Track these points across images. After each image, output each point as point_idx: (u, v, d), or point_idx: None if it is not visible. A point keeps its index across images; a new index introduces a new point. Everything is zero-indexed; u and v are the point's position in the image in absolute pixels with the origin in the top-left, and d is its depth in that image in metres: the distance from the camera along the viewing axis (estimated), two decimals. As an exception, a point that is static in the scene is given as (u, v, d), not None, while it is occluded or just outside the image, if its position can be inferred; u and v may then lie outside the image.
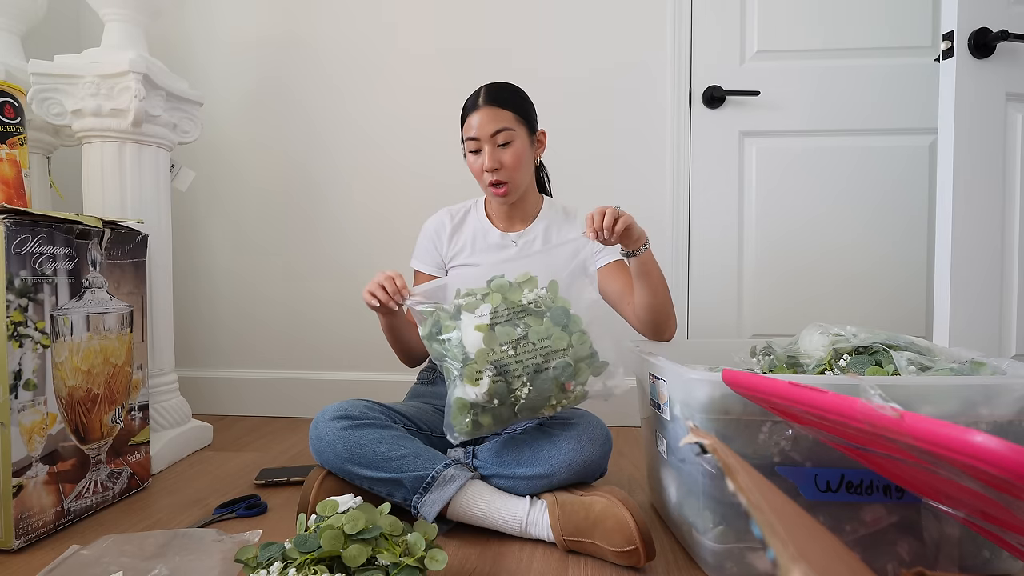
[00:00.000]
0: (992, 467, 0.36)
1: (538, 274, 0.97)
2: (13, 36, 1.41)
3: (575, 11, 1.66)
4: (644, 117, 1.65)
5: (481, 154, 1.10)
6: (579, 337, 0.92)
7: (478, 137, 1.10)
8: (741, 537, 0.78)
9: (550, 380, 0.91)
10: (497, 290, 0.93)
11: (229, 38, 1.77)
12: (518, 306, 0.92)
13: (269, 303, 1.80)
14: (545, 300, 0.93)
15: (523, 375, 0.89)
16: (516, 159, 1.10)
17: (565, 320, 0.92)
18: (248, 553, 0.70)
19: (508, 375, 0.89)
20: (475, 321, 0.90)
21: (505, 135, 1.09)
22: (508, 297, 0.93)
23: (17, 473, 0.91)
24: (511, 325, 0.91)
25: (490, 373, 0.89)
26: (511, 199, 1.14)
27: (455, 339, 0.91)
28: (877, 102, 1.60)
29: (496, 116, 1.09)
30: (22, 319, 0.92)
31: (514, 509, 0.93)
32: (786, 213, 1.64)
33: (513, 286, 0.94)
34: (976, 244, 1.22)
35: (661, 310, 1.07)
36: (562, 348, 0.91)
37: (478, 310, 0.92)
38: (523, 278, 0.95)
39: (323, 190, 1.77)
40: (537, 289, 0.94)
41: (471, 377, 0.89)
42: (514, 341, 0.90)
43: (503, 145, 1.09)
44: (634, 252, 1.00)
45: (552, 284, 0.95)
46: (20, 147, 1.17)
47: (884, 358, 0.83)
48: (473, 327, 0.90)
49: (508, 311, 0.92)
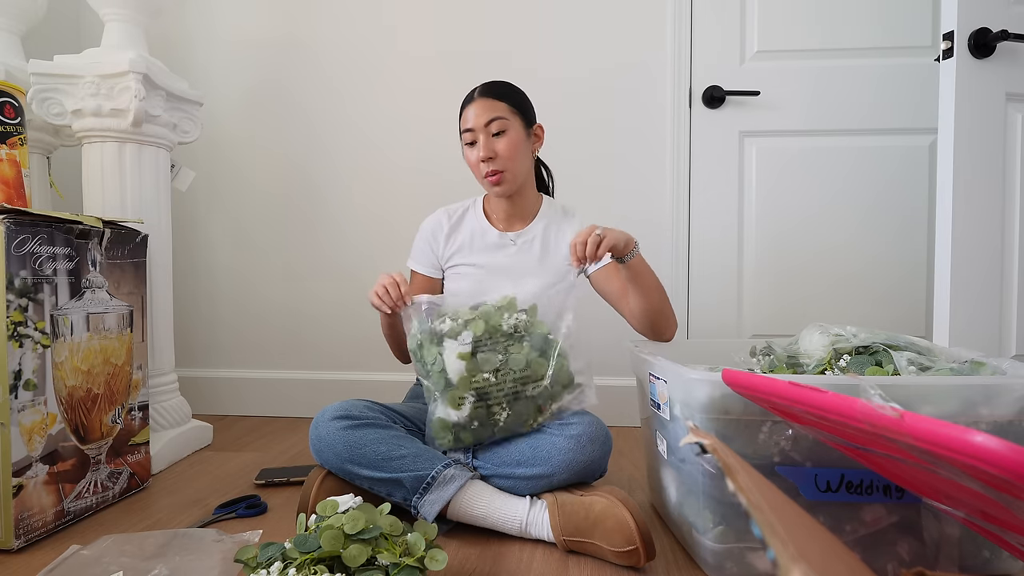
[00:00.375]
0: (992, 467, 0.36)
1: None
2: (13, 36, 1.41)
3: (575, 11, 1.66)
4: (644, 117, 1.65)
5: (476, 145, 1.11)
6: (558, 363, 0.94)
7: (473, 128, 1.11)
8: (741, 537, 0.78)
9: (529, 404, 0.95)
10: (482, 317, 0.95)
11: (229, 38, 1.77)
12: (499, 332, 0.94)
13: (269, 303, 1.80)
14: (525, 325, 0.95)
15: (503, 400, 0.93)
16: (510, 148, 1.10)
17: (544, 346, 0.94)
18: (248, 553, 0.70)
19: (489, 399, 0.93)
20: (458, 349, 0.92)
21: (499, 124, 1.09)
22: (490, 323, 0.94)
23: (17, 473, 0.91)
24: (492, 352, 0.93)
25: (472, 398, 0.92)
26: (507, 190, 1.13)
27: (437, 365, 0.94)
28: (877, 102, 1.60)
29: (490, 106, 1.10)
30: (22, 319, 0.92)
31: (514, 509, 0.93)
32: (786, 213, 1.64)
33: (494, 311, 0.95)
34: (976, 244, 1.22)
35: (657, 313, 1.07)
36: (542, 375, 0.93)
37: (460, 336, 0.93)
38: (503, 302, 0.96)
39: (323, 190, 1.77)
40: (517, 313, 0.96)
41: (453, 403, 0.93)
42: (495, 369, 0.92)
43: (497, 135, 1.10)
44: (623, 259, 1.01)
45: (532, 308, 0.97)
46: (20, 147, 1.17)
47: (884, 358, 0.83)
48: (456, 355, 0.92)
49: (490, 338, 0.93)
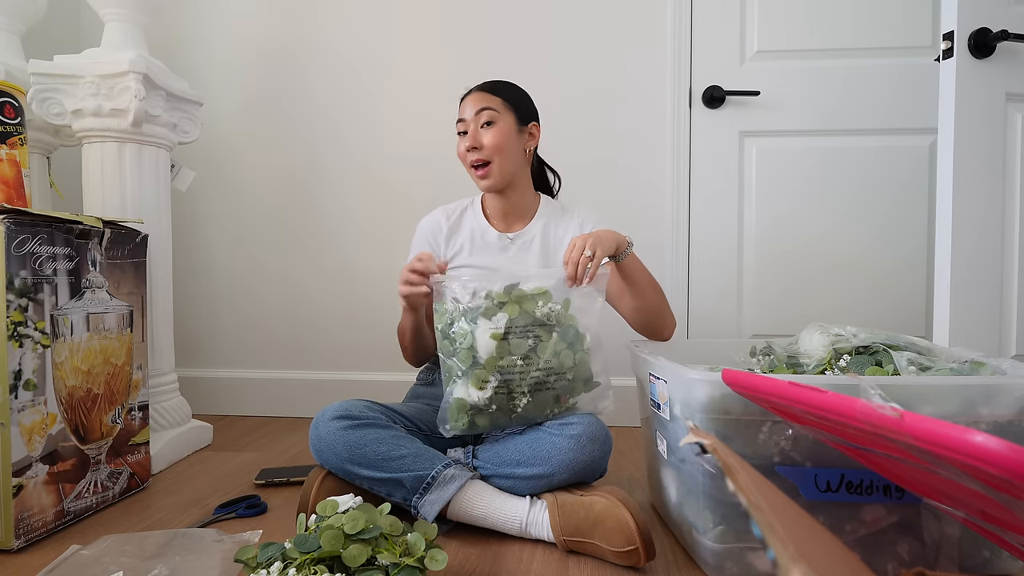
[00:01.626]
0: (992, 467, 0.36)
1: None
2: (13, 36, 1.41)
3: (575, 11, 1.66)
4: (644, 117, 1.65)
5: (465, 136, 1.12)
6: (582, 357, 0.94)
7: (464, 118, 1.12)
8: (741, 537, 0.78)
9: (549, 395, 0.94)
10: (516, 300, 0.94)
11: (229, 38, 1.77)
12: (533, 319, 0.93)
13: (269, 302, 1.80)
14: (557, 315, 0.94)
15: (525, 388, 0.92)
16: (497, 139, 1.10)
17: (573, 339, 0.94)
18: (248, 553, 0.70)
19: (512, 385, 0.92)
20: (491, 329, 0.91)
21: (488, 114, 1.10)
22: (524, 308, 0.93)
23: (17, 473, 0.91)
24: (524, 337, 0.92)
25: (496, 380, 0.91)
26: (494, 184, 1.13)
27: (467, 343, 0.92)
28: (877, 102, 1.60)
29: (482, 98, 1.11)
30: (22, 319, 0.92)
31: (514, 509, 0.93)
32: (786, 213, 1.64)
33: (529, 297, 0.95)
34: (976, 244, 1.22)
35: (653, 311, 1.07)
36: (568, 367, 0.93)
37: (495, 317, 0.92)
38: (539, 291, 0.95)
39: (323, 189, 1.77)
40: (552, 303, 0.95)
41: (477, 382, 0.92)
42: (524, 355, 0.91)
43: (485, 125, 1.10)
44: (616, 259, 1.01)
45: (566, 302, 0.96)
46: (20, 147, 1.17)
47: (884, 358, 0.83)
48: (489, 334, 0.91)
49: (523, 323, 0.93)
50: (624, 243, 1.00)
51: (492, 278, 0.96)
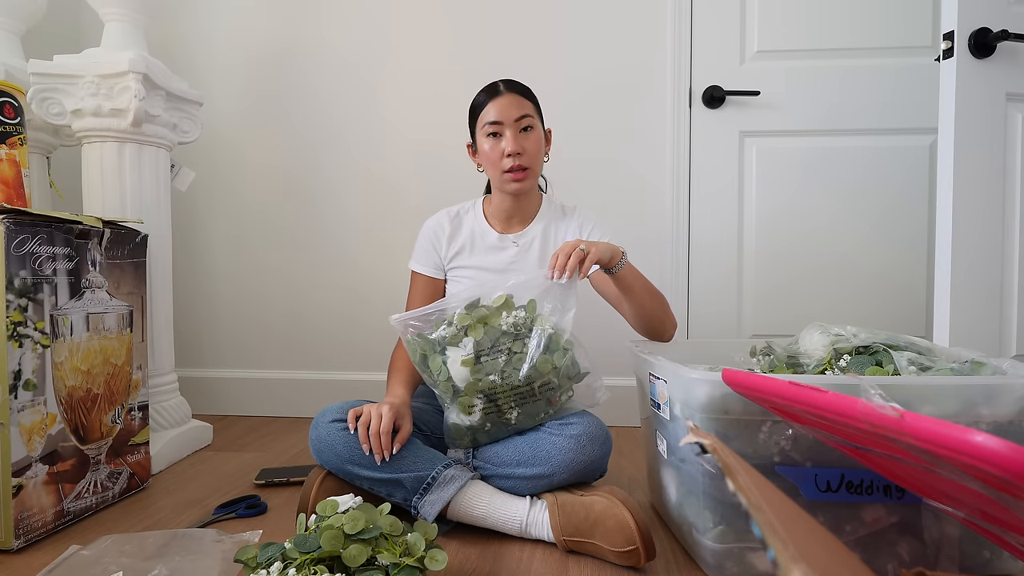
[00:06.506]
0: (992, 467, 0.36)
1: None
2: (13, 36, 1.41)
3: (576, 11, 1.66)
4: (644, 117, 1.65)
5: (501, 139, 1.10)
6: (560, 355, 0.93)
7: (501, 121, 1.09)
8: (741, 537, 0.78)
9: (539, 402, 0.95)
10: (480, 320, 0.94)
11: (229, 38, 1.77)
12: (500, 333, 0.93)
13: (269, 303, 1.80)
14: (525, 322, 0.94)
15: (511, 401, 0.94)
16: (537, 146, 1.11)
17: (548, 342, 0.93)
18: (248, 553, 0.70)
19: (498, 401, 0.93)
20: (460, 355, 0.92)
21: (528, 121, 1.10)
22: (489, 325, 0.93)
23: (17, 473, 0.91)
24: (496, 354, 0.92)
25: (481, 402, 0.93)
26: (525, 187, 1.13)
27: (443, 375, 0.94)
28: (877, 102, 1.60)
29: (520, 103, 1.10)
30: (22, 319, 0.92)
31: (514, 509, 0.93)
32: (786, 212, 1.64)
33: (492, 312, 0.94)
34: (976, 244, 1.21)
35: (653, 317, 1.07)
36: (548, 371, 0.93)
37: (462, 343, 0.93)
38: (499, 302, 0.95)
39: (323, 189, 1.76)
40: (515, 311, 0.95)
41: (464, 409, 0.94)
42: (501, 371, 0.92)
43: (525, 131, 1.10)
44: (610, 270, 1.00)
45: (530, 304, 0.96)
46: (20, 147, 1.16)
47: (884, 358, 0.83)
48: (459, 362, 0.92)
49: (491, 341, 0.93)
50: (619, 254, 0.99)
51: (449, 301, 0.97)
